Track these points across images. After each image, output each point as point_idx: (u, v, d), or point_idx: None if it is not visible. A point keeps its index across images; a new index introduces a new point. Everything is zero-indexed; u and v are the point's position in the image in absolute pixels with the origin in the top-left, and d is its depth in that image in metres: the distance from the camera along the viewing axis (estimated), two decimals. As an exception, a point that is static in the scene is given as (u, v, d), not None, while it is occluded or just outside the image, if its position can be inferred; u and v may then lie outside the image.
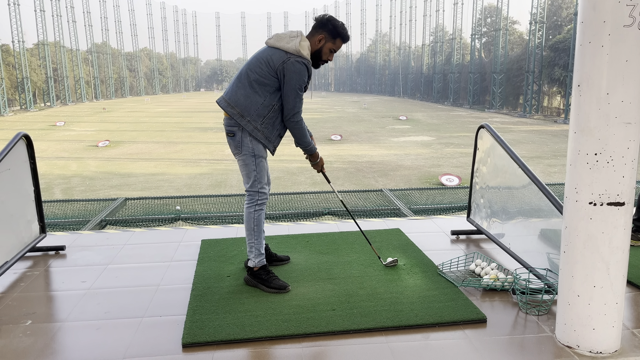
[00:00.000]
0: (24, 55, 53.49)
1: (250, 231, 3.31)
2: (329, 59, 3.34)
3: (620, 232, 2.37)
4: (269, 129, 3.25)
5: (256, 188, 3.31)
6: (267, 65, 3.16)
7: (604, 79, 2.25)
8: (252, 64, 3.22)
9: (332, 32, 3.26)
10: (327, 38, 3.26)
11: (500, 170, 3.88)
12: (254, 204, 3.32)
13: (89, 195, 15.45)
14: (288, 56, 3.13)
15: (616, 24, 2.19)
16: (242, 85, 3.23)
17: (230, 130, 3.27)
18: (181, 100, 76.13)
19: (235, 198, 8.15)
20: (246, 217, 3.33)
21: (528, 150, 23.44)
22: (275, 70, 3.15)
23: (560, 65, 40.21)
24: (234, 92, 3.25)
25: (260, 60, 3.19)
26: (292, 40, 3.16)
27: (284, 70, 3.13)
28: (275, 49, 3.18)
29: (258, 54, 3.26)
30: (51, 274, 3.67)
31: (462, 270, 3.56)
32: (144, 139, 29.85)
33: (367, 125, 35.71)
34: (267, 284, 3.25)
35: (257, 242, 3.31)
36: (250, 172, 3.30)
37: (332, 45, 3.28)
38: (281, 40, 3.18)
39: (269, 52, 3.19)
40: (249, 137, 3.24)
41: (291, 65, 3.12)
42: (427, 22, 67.67)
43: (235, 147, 3.29)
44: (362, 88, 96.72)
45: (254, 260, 3.31)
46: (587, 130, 2.33)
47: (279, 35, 3.23)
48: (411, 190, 8.51)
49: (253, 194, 3.32)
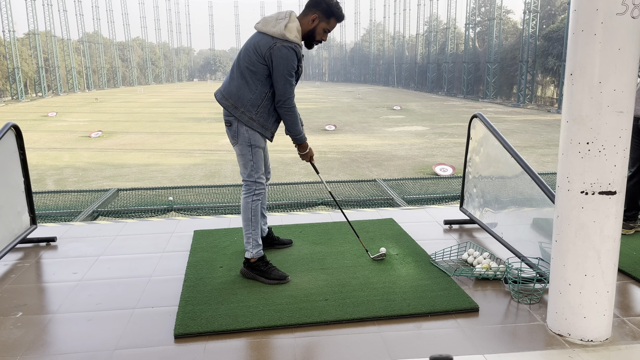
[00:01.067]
0: (14, 45, 52.87)
1: (248, 221, 3.28)
2: (323, 39, 3.22)
3: (612, 221, 2.38)
4: (264, 117, 3.20)
5: (253, 178, 3.28)
6: (254, 52, 3.09)
7: (597, 68, 2.24)
8: (242, 52, 3.18)
9: (326, 11, 3.14)
10: (320, 17, 3.14)
11: (493, 160, 3.87)
12: (251, 194, 3.29)
13: (82, 186, 15.36)
14: (274, 41, 3.05)
15: (609, 12, 2.17)
16: (235, 76, 3.19)
17: (227, 120, 3.24)
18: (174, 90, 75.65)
19: (229, 188, 8.12)
20: (243, 207, 3.30)
21: (521, 139, 23.49)
22: (263, 57, 3.07)
23: (554, 54, 40.22)
24: (228, 84, 3.21)
25: (249, 47, 3.13)
26: (278, 23, 3.06)
27: (271, 56, 3.05)
28: (262, 35, 3.10)
29: (247, 41, 3.20)
30: (42, 266, 3.65)
31: (454, 259, 3.56)
32: (137, 129, 29.67)
33: (361, 115, 35.65)
34: (266, 276, 3.22)
35: (254, 232, 3.28)
36: (247, 162, 3.27)
37: (326, 25, 3.17)
38: (267, 25, 3.09)
39: (256, 39, 3.13)
40: (245, 127, 3.20)
41: (277, 51, 3.03)
42: (421, 11, 67.41)
43: (232, 137, 3.26)
44: (356, 78, 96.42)
45: (251, 252, 3.28)
46: (579, 119, 2.32)
47: (265, 19, 3.14)
48: (405, 180, 8.52)
49: (250, 184, 3.29)
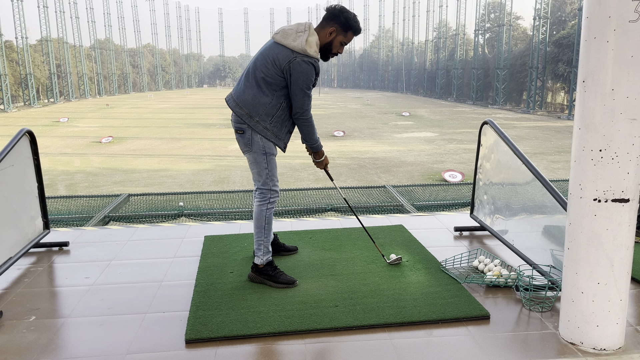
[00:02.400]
0: (27, 52, 53.54)
1: (261, 229, 3.28)
2: (339, 52, 3.21)
3: (625, 229, 2.36)
4: (278, 127, 3.19)
5: (268, 186, 3.28)
6: (273, 64, 3.07)
7: (609, 75, 2.24)
8: (259, 61, 3.14)
9: (344, 25, 3.12)
10: (338, 31, 3.13)
11: (503, 167, 3.86)
12: (266, 202, 3.28)
13: (93, 191, 15.49)
14: (294, 55, 3.02)
15: (621, 19, 2.17)
16: (250, 84, 3.16)
17: (240, 127, 3.21)
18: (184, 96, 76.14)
19: (239, 194, 8.16)
20: (257, 215, 3.29)
21: (532, 146, 23.37)
22: (281, 70, 3.05)
23: (564, 61, 40.02)
24: (242, 92, 3.18)
25: (267, 58, 3.10)
26: (298, 37, 3.04)
27: (290, 70, 3.03)
28: (281, 47, 3.07)
29: (264, 51, 3.16)
30: (55, 270, 3.69)
31: (465, 266, 3.55)
32: (147, 135, 29.89)
33: (370, 121, 35.65)
34: (275, 280, 3.24)
35: (266, 240, 3.29)
36: (261, 170, 3.25)
37: (344, 38, 3.16)
38: (287, 37, 3.06)
39: (275, 50, 3.08)
40: (259, 135, 3.19)
41: (297, 66, 3.01)
42: (430, 17, 67.46)
43: (244, 145, 3.24)
44: (365, 84, 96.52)
45: (261, 258, 3.29)
46: (591, 126, 2.31)
47: (285, 31, 3.10)
48: (414, 187, 8.51)
49: (265, 192, 3.29)
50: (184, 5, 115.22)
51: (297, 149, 3.43)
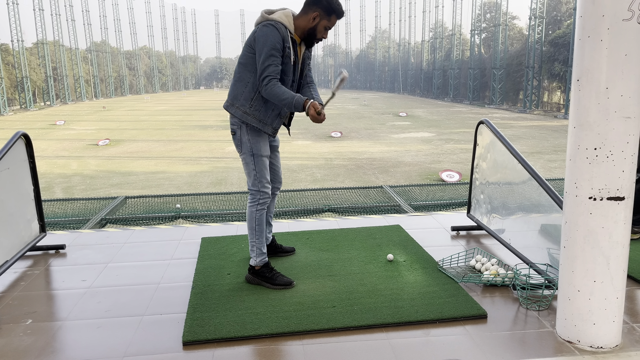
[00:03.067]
0: (23, 55, 53.43)
1: (252, 230, 3.30)
2: (324, 37, 3.19)
3: (621, 227, 2.37)
4: (260, 111, 3.16)
5: (257, 187, 3.29)
6: (246, 46, 3.15)
7: (603, 73, 2.24)
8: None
9: (327, 8, 3.08)
10: (321, 15, 3.10)
11: (500, 166, 3.87)
12: (255, 203, 3.30)
13: (90, 194, 15.45)
14: (258, 26, 3.11)
15: (615, 17, 2.18)
16: (234, 78, 3.25)
17: (232, 129, 3.26)
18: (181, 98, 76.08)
19: (236, 196, 8.15)
20: (248, 216, 3.32)
21: (528, 145, 23.41)
22: (250, 46, 3.10)
23: (560, 60, 40.13)
24: (230, 88, 3.28)
25: (244, 45, 3.21)
26: (266, 15, 3.13)
27: (255, 40, 3.06)
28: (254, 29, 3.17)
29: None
30: (51, 273, 3.68)
31: (462, 266, 3.55)
32: (144, 137, 29.84)
33: (367, 122, 35.68)
34: (271, 282, 3.24)
35: (258, 241, 3.30)
36: (250, 171, 3.28)
37: (327, 22, 3.12)
38: (259, 18, 3.17)
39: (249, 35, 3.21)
40: (247, 135, 3.21)
41: (259, 31, 3.05)
42: (427, 18, 67.55)
43: (236, 146, 3.29)
44: (361, 85, 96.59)
45: (255, 259, 3.30)
46: (586, 124, 2.32)
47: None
48: (411, 187, 8.51)
49: (255, 193, 3.30)
50: (180, 7, 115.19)
51: (294, 150, 3.42)
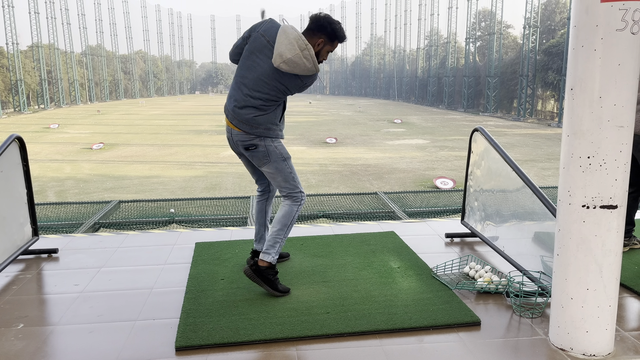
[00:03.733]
0: (17, 58, 53.24)
1: (285, 227, 3.25)
2: (324, 59, 3.25)
3: (613, 235, 2.38)
4: (276, 118, 3.23)
5: (298, 189, 3.30)
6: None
7: (597, 83, 2.26)
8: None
9: (331, 35, 3.15)
10: (326, 42, 3.16)
11: (494, 174, 3.89)
12: (298, 202, 3.28)
13: (83, 197, 15.37)
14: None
15: (609, 28, 2.20)
16: (253, 95, 3.28)
17: (251, 144, 3.19)
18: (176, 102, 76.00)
19: (230, 201, 8.14)
20: (285, 213, 3.25)
21: (522, 153, 23.54)
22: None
23: (553, 69, 40.45)
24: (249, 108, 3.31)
25: None
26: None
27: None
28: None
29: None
30: (43, 277, 3.65)
31: (456, 273, 3.56)
32: (139, 141, 29.76)
33: (362, 128, 35.76)
34: (272, 286, 3.18)
35: (283, 240, 3.27)
36: (287, 176, 3.26)
37: (330, 47, 3.19)
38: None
39: None
40: (272, 143, 3.19)
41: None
42: (422, 25, 67.92)
43: (262, 158, 3.22)
44: (357, 91, 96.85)
45: (273, 257, 3.21)
46: (580, 133, 2.34)
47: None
48: (406, 194, 8.53)
49: (297, 195, 3.29)
50: (176, 12, 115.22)
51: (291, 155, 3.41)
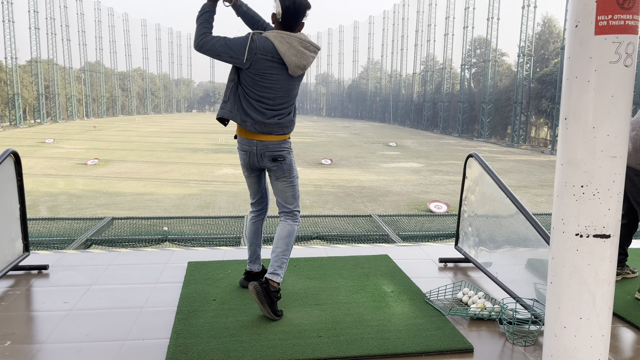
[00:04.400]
0: (16, 72, 53.42)
1: (290, 247, 3.33)
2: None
3: (606, 264, 2.39)
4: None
5: (299, 207, 3.46)
6: (303, 76, 3.41)
7: (590, 113, 2.30)
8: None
9: (304, 15, 3.20)
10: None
11: (488, 199, 3.90)
12: (297, 222, 3.42)
13: (75, 213, 15.27)
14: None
15: (602, 60, 2.24)
16: (285, 107, 3.37)
17: (280, 154, 3.28)
18: (173, 120, 76.18)
19: (224, 220, 8.10)
20: (289, 232, 3.35)
21: (516, 179, 23.67)
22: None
23: (547, 97, 40.98)
24: (281, 120, 3.40)
25: (299, 78, 3.43)
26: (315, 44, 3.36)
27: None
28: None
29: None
30: (33, 294, 3.60)
31: (449, 298, 3.55)
32: (134, 158, 29.73)
33: (357, 150, 35.92)
34: (274, 309, 3.13)
35: (288, 259, 3.34)
36: (296, 193, 3.41)
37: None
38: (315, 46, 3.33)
39: None
40: (293, 157, 3.37)
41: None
42: (418, 51, 68.87)
43: (285, 171, 3.33)
44: (353, 114, 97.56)
45: (281, 277, 3.23)
46: (573, 162, 2.36)
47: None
48: (400, 217, 8.53)
49: (297, 213, 3.44)
50: (176, 32, 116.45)
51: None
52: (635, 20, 2.21)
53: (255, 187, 3.55)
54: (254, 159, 3.31)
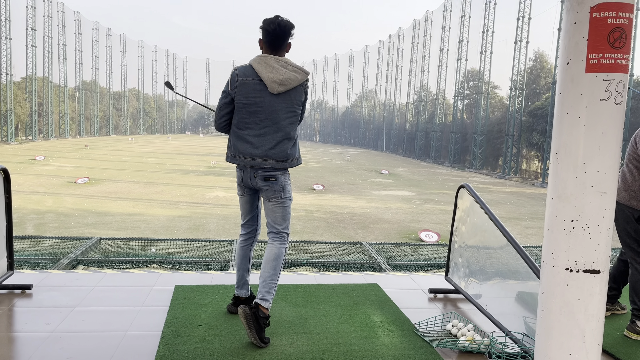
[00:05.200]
0: (10, 88, 53.42)
1: (278, 271, 3.26)
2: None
3: (596, 300, 2.38)
4: (298, 149, 3.42)
5: (289, 230, 3.42)
6: (297, 103, 3.39)
7: (581, 149, 2.32)
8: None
9: (290, 35, 3.32)
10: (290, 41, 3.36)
11: (479, 230, 3.91)
12: (285, 245, 3.38)
13: (62, 232, 15.08)
14: (306, 83, 3.39)
15: (593, 97, 2.28)
16: (278, 134, 3.37)
17: (272, 175, 3.29)
18: (166, 141, 76.19)
19: (213, 243, 8.03)
20: (276, 256, 3.29)
21: (506, 211, 23.78)
22: (299, 102, 3.38)
23: (538, 130, 41.55)
24: (275, 148, 3.42)
25: (292, 104, 3.46)
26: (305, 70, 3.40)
27: (305, 95, 3.43)
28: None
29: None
30: (14, 314, 3.52)
31: (438, 330, 3.51)
32: (125, 178, 29.57)
33: (349, 177, 36.01)
34: (261, 336, 3.07)
35: (277, 284, 3.28)
36: (286, 215, 3.38)
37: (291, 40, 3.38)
38: (302, 75, 3.38)
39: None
40: (288, 180, 3.36)
41: (308, 88, 3.45)
42: (412, 81, 69.84)
43: (276, 192, 3.32)
44: (346, 140, 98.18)
45: (270, 303, 3.18)
46: (564, 197, 2.38)
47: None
48: (390, 245, 8.51)
49: (286, 235, 3.40)
50: (172, 54, 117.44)
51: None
52: (625, 59, 2.26)
53: (246, 206, 3.53)
54: (247, 177, 3.34)
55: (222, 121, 3.36)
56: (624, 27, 2.23)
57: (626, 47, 2.25)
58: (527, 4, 43.70)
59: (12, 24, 55.41)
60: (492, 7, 48.57)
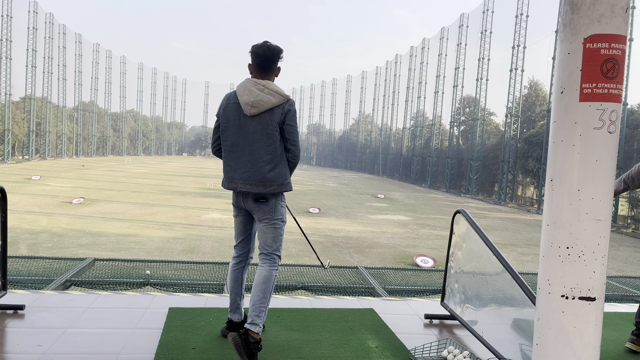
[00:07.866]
0: (8, 108, 53.60)
1: (267, 294, 3.23)
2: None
3: (592, 328, 2.38)
4: (284, 174, 3.37)
5: (280, 252, 3.38)
6: (274, 124, 3.40)
7: (575, 177, 2.35)
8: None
9: (277, 59, 3.36)
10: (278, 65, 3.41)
11: (475, 256, 3.91)
12: (275, 267, 3.34)
13: (56, 252, 14.96)
14: (287, 105, 3.36)
15: (587, 125, 2.32)
16: (262, 158, 3.40)
17: (264, 195, 3.29)
18: (162, 163, 76.22)
19: (208, 266, 7.97)
20: (266, 279, 3.25)
21: (502, 237, 23.76)
22: (278, 123, 3.35)
23: (533, 157, 41.82)
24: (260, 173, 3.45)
25: (268, 126, 3.50)
26: (282, 91, 3.39)
27: (288, 117, 3.39)
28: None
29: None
30: (6, 335, 3.48)
31: (434, 356, 3.48)
32: (120, 198, 29.48)
33: (345, 200, 36.00)
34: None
35: (267, 308, 3.25)
36: (277, 237, 3.35)
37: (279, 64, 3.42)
38: (279, 98, 3.40)
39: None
40: (282, 202, 3.35)
41: (294, 108, 3.39)
42: (409, 107, 70.53)
43: (266, 212, 3.30)
44: (342, 164, 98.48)
45: (260, 327, 3.13)
46: (559, 223, 2.39)
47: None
48: (386, 270, 8.46)
49: (277, 258, 3.36)
50: (172, 76, 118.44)
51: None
52: (619, 89, 2.31)
53: (240, 227, 3.53)
54: (240, 199, 3.37)
55: (215, 145, 3.45)
56: (617, 58, 2.28)
57: (619, 78, 2.29)
58: (522, 34, 44.52)
59: (13, 45, 55.98)
60: (488, 36, 49.45)
